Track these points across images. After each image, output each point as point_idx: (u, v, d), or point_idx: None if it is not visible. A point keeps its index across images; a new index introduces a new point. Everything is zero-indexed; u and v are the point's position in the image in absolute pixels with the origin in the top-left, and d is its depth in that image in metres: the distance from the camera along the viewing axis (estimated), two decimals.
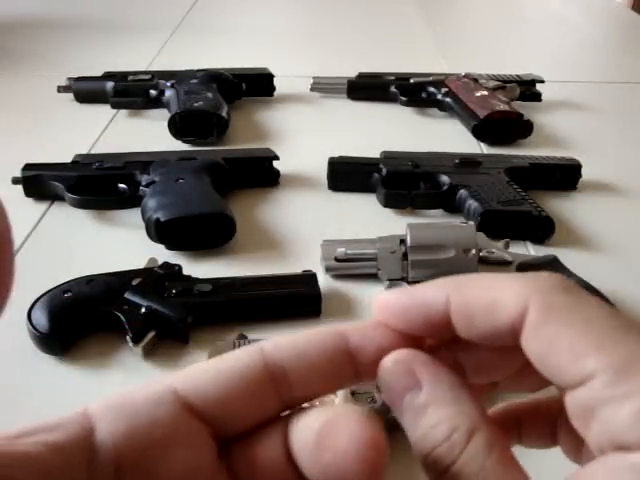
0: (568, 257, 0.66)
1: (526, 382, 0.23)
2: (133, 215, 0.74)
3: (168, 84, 1.01)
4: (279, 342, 0.22)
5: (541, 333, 0.20)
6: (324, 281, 0.64)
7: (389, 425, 0.53)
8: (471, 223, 0.65)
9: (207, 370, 0.21)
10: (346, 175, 0.82)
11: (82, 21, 1.45)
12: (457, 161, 0.81)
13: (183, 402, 0.20)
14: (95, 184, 0.77)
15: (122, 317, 0.56)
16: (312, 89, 1.08)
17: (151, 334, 0.56)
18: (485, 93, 0.99)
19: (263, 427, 0.21)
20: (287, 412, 0.21)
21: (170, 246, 0.69)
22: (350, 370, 0.22)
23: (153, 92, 1.02)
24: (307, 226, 0.75)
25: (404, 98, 1.05)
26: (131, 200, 0.76)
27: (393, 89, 1.07)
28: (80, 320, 0.57)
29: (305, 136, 0.97)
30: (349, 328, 0.22)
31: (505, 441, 0.20)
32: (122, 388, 0.21)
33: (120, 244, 0.72)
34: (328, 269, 0.66)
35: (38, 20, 1.46)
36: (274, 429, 0.21)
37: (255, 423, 0.21)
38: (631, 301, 0.64)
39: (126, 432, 0.19)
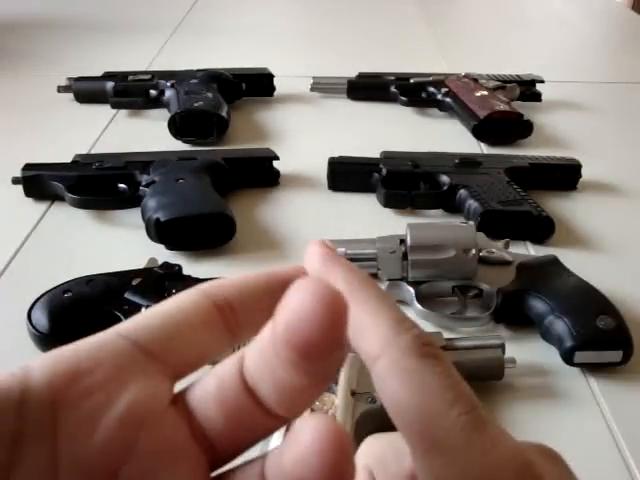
0: (568, 257, 0.66)
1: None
2: (133, 215, 0.74)
3: (168, 84, 1.01)
4: (218, 281, 0.22)
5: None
6: None
7: (390, 425, 0.53)
8: (471, 223, 0.65)
9: (152, 311, 0.21)
10: (346, 175, 0.82)
11: (82, 21, 1.45)
12: (457, 161, 0.81)
13: (130, 342, 0.20)
14: (95, 184, 0.77)
15: (122, 317, 0.56)
16: (312, 89, 1.08)
17: None
18: (485, 93, 0.99)
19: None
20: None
21: (170, 246, 0.69)
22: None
23: (153, 92, 1.02)
24: (307, 226, 0.75)
25: (404, 98, 1.05)
26: (131, 200, 0.76)
27: (393, 89, 1.07)
28: (80, 320, 0.57)
29: (305, 136, 0.97)
30: (279, 268, 0.23)
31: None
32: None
33: (120, 244, 0.72)
34: None
35: (38, 20, 1.46)
36: (225, 361, 0.21)
37: (208, 357, 0.21)
38: (631, 301, 0.64)
39: (65, 375, 0.18)
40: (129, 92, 1.02)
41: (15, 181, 0.78)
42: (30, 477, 0.18)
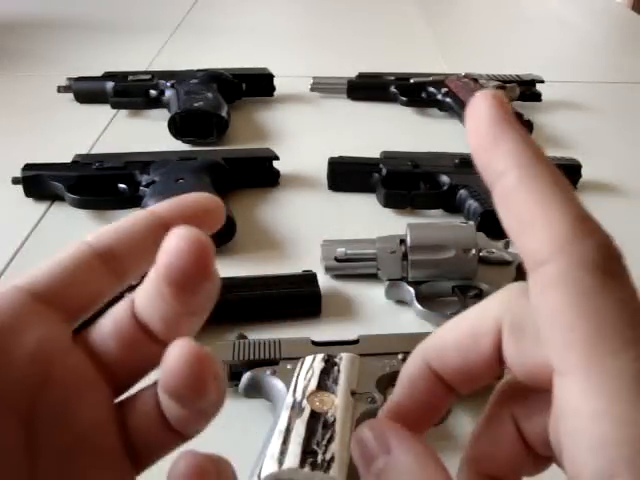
0: None
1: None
2: None
3: (168, 84, 1.01)
4: (99, 231, 0.24)
5: (519, 345, 0.20)
6: (324, 281, 0.64)
7: None
8: (471, 223, 0.65)
9: (41, 264, 0.23)
10: (346, 175, 0.82)
11: (82, 21, 1.45)
12: (457, 161, 0.81)
13: (25, 291, 0.22)
14: (95, 184, 0.77)
15: None
16: (312, 89, 1.08)
17: None
18: None
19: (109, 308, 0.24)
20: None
21: None
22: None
23: (153, 92, 1.02)
24: (307, 226, 0.75)
25: (404, 98, 1.05)
26: (131, 200, 0.76)
27: (393, 89, 1.07)
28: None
29: (305, 136, 0.97)
30: (158, 205, 0.25)
31: None
32: None
33: None
34: (328, 269, 0.66)
35: (38, 20, 1.46)
36: (119, 304, 0.23)
37: (98, 299, 0.24)
38: None
39: None
40: (129, 92, 1.02)
41: (15, 181, 0.78)
42: None
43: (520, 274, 0.62)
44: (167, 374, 0.20)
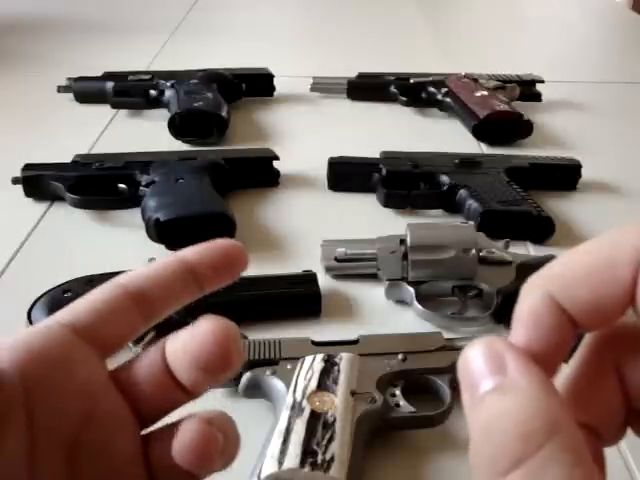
0: None
1: None
2: (133, 215, 0.74)
3: (168, 84, 1.01)
4: (132, 274, 0.27)
5: None
6: (324, 281, 0.64)
7: (390, 425, 0.53)
8: (471, 223, 0.65)
9: (80, 302, 0.25)
10: (346, 175, 0.82)
11: (82, 21, 1.45)
12: (457, 161, 0.81)
13: (69, 328, 0.24)
14: (95, 184, 0.77)
15: None
16: (312, 89, 1.08)
17: (151, 334, 0.55)
18: (485, 93, 0.99)
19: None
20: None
21: (170, 246, 0.69)
22: (194, 283, 0.27)
23: (153, 92, 1.02)
24: (307, 226, 0.75)
25: (404, 98, 1.05)
26: (131, 200, 0.76)
27: (393, 89, 1.07)
28: None
29: (305, 136, 0.97)
30: (186, 251, 0.28)
31: (587, 453, 0.18)
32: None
33: (120, 244, 0.72)
34: (328, 269, 0.66)
35: (38, 20, 1.46)
36: (152, 348, 0.25)
37: (129, 338, 0.26)
38: None
39: (26, 357, 0.22)
40: (129, 92, 1.02)
41: (15, 181, 0.78)
42: (14, 447, 0.21)
43: (520, 274, 0.62)
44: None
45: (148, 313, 0.26)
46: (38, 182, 0.78)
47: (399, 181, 0.80)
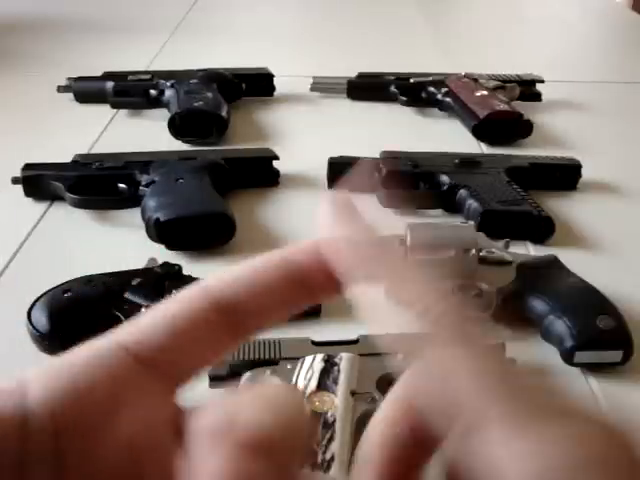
0: (568, 257, 0.66)
1: None
2: (133, 215, 0.74)
3: (168, 84, 1.01)
4: (222, 277, 0.21)
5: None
6: None
7: None
8: (471, 223, 0.65)
9: (153, 318, 0.19)
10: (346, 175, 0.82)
11: (82, 21, 1.45)
12: (457, 161, 0.81)
13: (129, 354, 0.18)
14: (95, 184, 0.77)
15: (122, 317, 0.56)
16: (312, 89, 1.08)
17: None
18: (485, 93, 0.99)
19: None
20: None
21: (170, 246, 0.69)
22: (303, 290, 0.21)
23: (153, 92, 1.02)
24: (307, 226, 0.75)
25: (404, 98, 1.05)
26: (131, 200, 0.76)
27: (393, 89, 1.07)
28: (80, 320, 0.57)
29: (305, 136, 0.97)
30: (292, 250, 0.22)
31: None
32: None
33: (120, 244, 0.72)
34: None
35: (38, 20, 1.46)
36: None
37: (210, 363, 0.20)
38: (631, 301, 0.64)
39: (63, 394, 0.17)
40: (129, 92, 1.02)
41: (15, 181, 0.78)
42: None
43: (520, 274, 0.62)
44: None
45: (238, 330, 0.20)
46: (38, 182, 0.78)
47: (399, 181, 0.80)
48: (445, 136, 0.97)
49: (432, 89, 1.05)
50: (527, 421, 0.17)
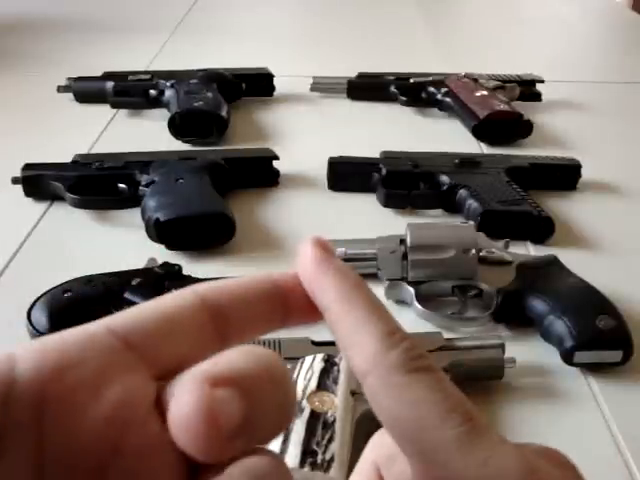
0: (568, 257, 0.66)
1: None
2: (133, 215, 0.74)
3: (168, 84, 1.01)
4: (215, 284, 0.22)
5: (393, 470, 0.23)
6: None
7: None
8: (471, 223, 0.65)
9: (145, 308, 0.21)
10: (346, 175, 0.82)
11: (82, 21, 1.45)
12: (457, 161, 0.81)
13: (119, 338, 0.19)
14: (95, 184, 0.77)
15: None
16: (312, 89, 1.08)
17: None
18: (485, 93, 0.99)
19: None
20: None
21: (170, 246, 0.69)
22: (280, 313, 0.23)
23: (153, 92, 1.02)
24: (307, 226, 0.75)
25: (404, 98, 1.05)
26: (131, 200, 0.76)
27: (393, 89, 1.07)
28: (80, 320, 0.56)
29: (305, 136, 0.97)
30: (280, 273, 0.24)
31: None
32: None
33: (120, 244, 0.72)
34: None
35: (38, 20, 1.46)
36: None
37: (195, 361, 0.20)
38: (631, 301, 0.64)
39: (52, 370, 0.18)
40: (129, 92, 1.02)
41: (15, 181, 0.78)
42: (14, 472, 0.17)
43: (520, 274, 0.62)
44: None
45: (225, 334, 0.21)
46: (38, 182, 0.78)
47: (399, 181, 0.80)
48: (445, 136, 0.97)
49: (432, 89, 1.05)
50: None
